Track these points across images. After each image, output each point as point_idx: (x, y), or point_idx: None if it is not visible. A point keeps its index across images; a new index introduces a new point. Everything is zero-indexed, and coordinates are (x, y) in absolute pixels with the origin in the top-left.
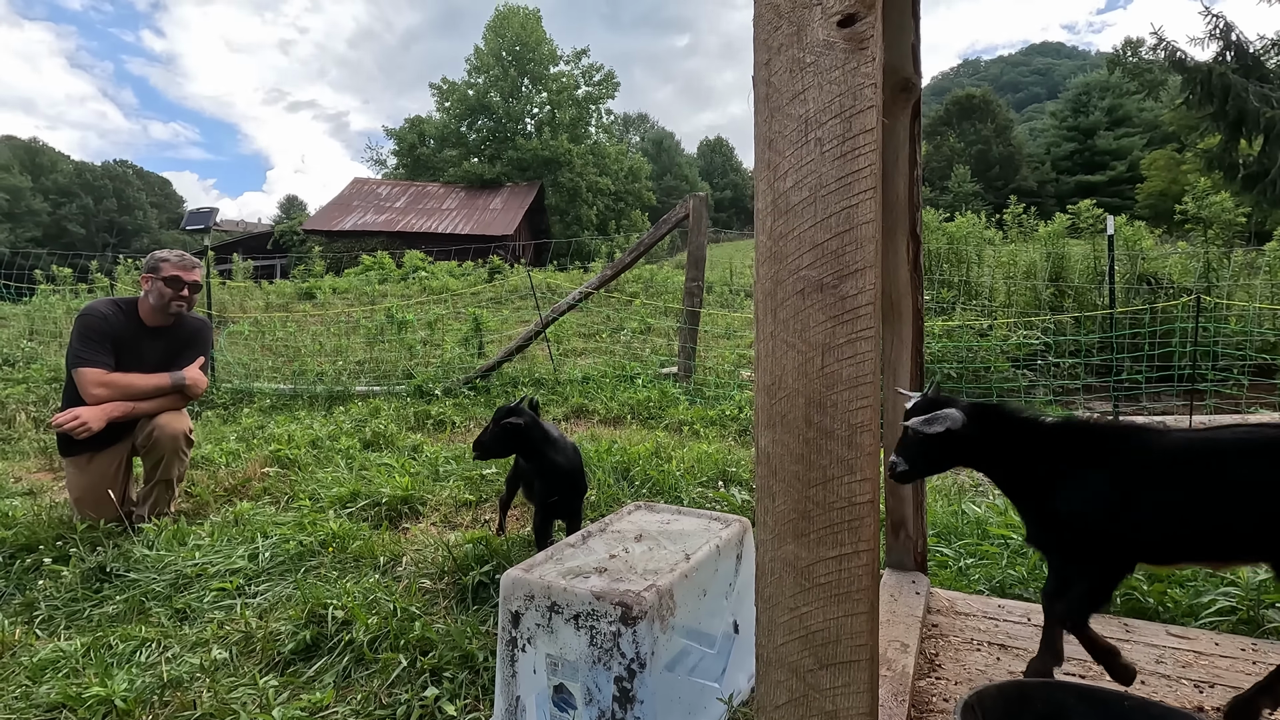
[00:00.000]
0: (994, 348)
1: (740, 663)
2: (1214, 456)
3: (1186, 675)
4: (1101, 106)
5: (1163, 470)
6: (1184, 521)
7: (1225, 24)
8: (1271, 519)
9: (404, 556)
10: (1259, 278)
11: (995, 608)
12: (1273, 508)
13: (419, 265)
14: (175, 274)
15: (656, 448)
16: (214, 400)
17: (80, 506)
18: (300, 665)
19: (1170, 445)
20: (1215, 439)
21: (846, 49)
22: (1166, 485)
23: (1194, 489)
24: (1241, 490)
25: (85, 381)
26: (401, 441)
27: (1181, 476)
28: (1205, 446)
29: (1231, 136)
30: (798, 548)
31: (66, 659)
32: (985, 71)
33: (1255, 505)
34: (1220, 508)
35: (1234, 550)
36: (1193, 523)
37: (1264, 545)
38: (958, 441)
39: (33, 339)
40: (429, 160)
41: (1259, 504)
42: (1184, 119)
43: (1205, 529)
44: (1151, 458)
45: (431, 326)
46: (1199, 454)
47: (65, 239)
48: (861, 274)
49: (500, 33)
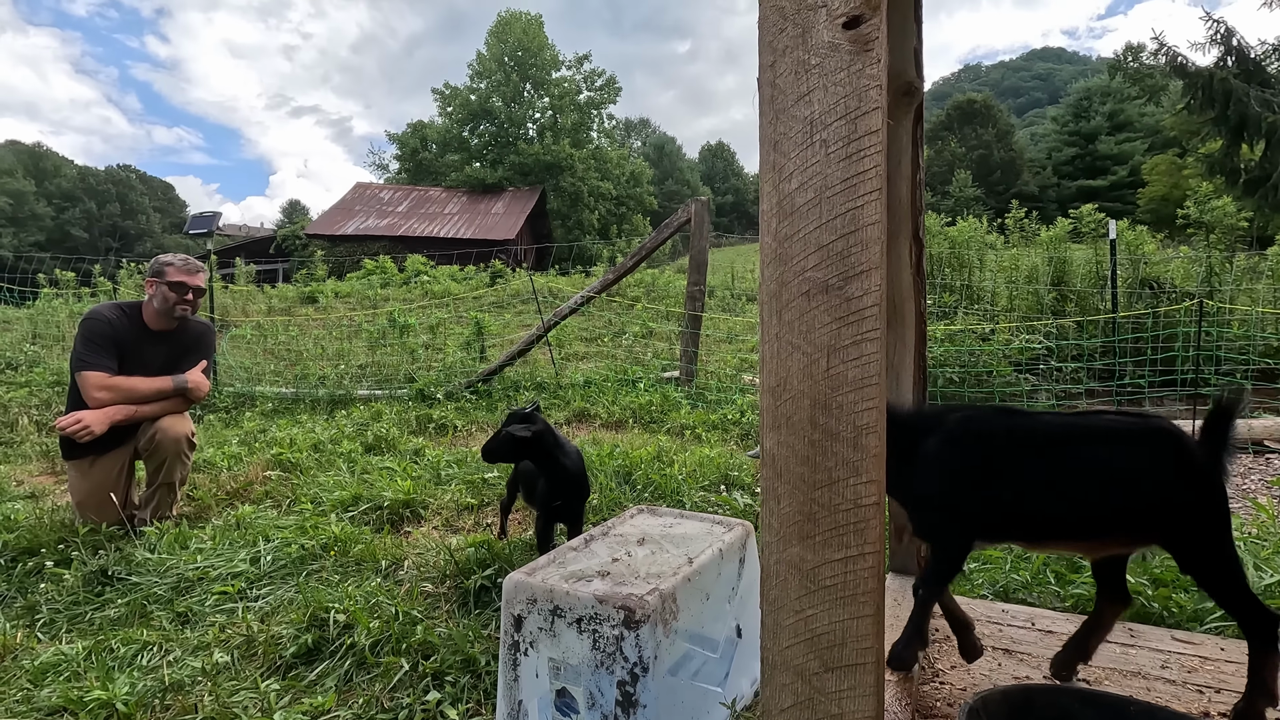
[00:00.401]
0: (996, 352)
1: (743, 667)
2: (1074, 440)
3: (1191, 680)
4: (1103, 111)
5: (1023, 451)
6: (1043, 502)
7: (1226, 29)
8: (1135, 506)
9: (406, 560)
10: (1261, 282)
11: (999, 612)
12: (1135, 495)
13: (421, 269)
14: (180, 279)
15: (658, 452)
16: (216, 404)
17: (82, 510)
18: (302, 669)
19: (1033, 427)
20: (1080, 423)
21: (852, 51)
22: (1025, 466)
23: (1052, 471)
24: (1100, 475)
25: (88, 385)
26: (403, 445)
27: (1042, 458)
28: (1069, 430)
29: (1233, 141)
30: (803, 550)
31: (68, 662)
32: (986, 76)
33: (1115, 491)
34: (1080, 491)
35: (1097, 534)
36: (1052, 503)
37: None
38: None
39: (35, 343)
40: (431, 165)
41: (1119, 490)
42: (1185, 124)
43: (1066, 511)
44: (1012, 440)
45: (433, 330)
46: (1062, 438)
47: (68, 243)
48: (867, 275)
49: (502, 38)
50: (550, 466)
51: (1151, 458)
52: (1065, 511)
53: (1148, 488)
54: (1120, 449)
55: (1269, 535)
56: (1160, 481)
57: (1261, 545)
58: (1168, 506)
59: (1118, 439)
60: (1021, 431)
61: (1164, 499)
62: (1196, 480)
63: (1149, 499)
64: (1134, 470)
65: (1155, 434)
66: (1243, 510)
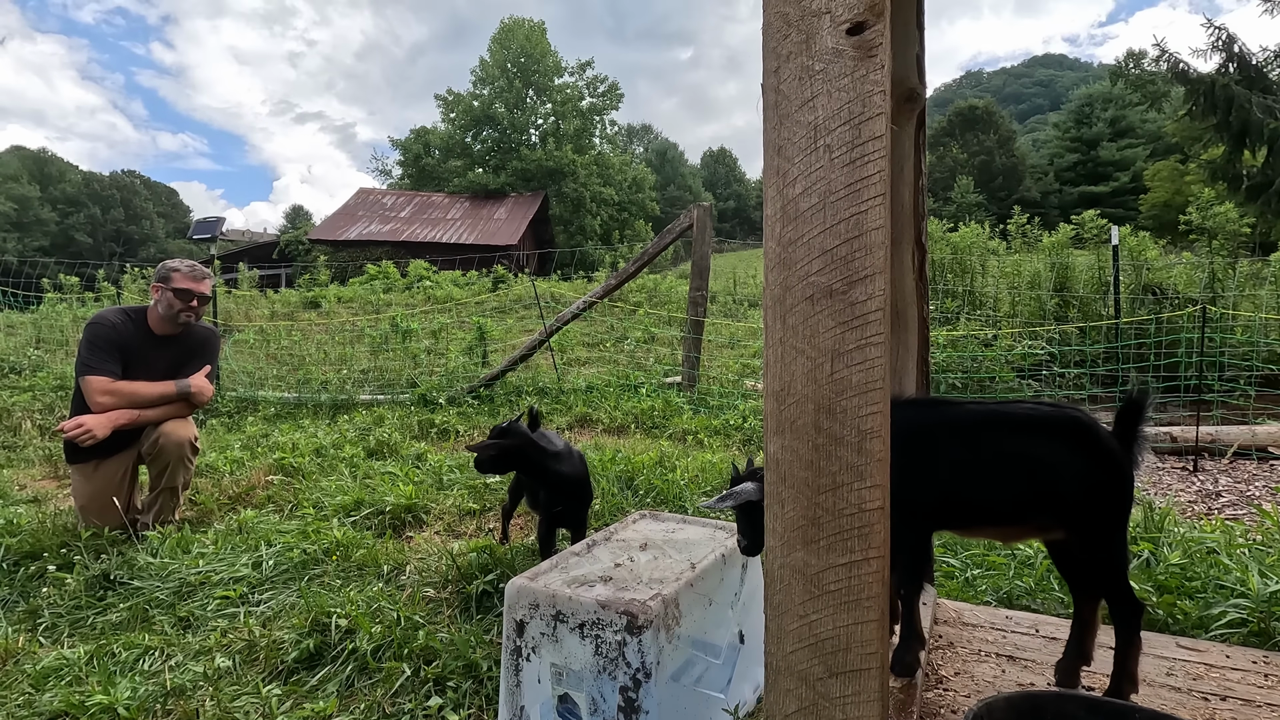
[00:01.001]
0: (999, 358)
1: (745, 673)
2: (996, 428)
3: (1197, 688)
4: (1104, 118)
5: (949, 440)
6: (971, 488)
7: (1228, 36)
8: (1047, 491)
9: (408, 565)
10: (1265, 288)
11: (1003, 619)
12: (1048, 481)
13: (423, 274)
14: (186, 285)
15: (661, 457)
16: (219, 408)
17: (85, 514)
18: (303, 674)
19: (958, 416)
20: (1000, 411)
21: (855, 57)
22: (950, 453)
23: (975, 458)
24: (1020, 462)
25: (91, 389)
26: (405, 450)
27: (966, 446)
28: (989, 419)
29: (1235, 148)
30: (807, 554)
31: (70, 667)
32: (988, 83)
33: (1033, 477)
34: (1002, 477)
35: (1017, 519)
36: (978, 490)
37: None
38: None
39: (39, 347)
40: (434, 170)
41: (1036, 476)
42: (1187, 130)
43: (990, 497)
44: (939, 428)
45: (436, 335)
46: (983, 425)
47: (72, 248)
48: (871, 280)
49: (505, 45)
50: (545, 475)
51: (1068, 446)
52: (989, 497)
53: (1063, 475)
54: (1038, 437)
55: (1274, 542)
56: (1074, 469)
57: (1266, 552)
58: (1080, 493)
59: (1036, 427)
60: (950, 421)
61: (1077, 486)
62: (1109, 470)
63: (1063, 485)
64: (1051, 458)
65: (1071, 423)
66: (1247, 517)
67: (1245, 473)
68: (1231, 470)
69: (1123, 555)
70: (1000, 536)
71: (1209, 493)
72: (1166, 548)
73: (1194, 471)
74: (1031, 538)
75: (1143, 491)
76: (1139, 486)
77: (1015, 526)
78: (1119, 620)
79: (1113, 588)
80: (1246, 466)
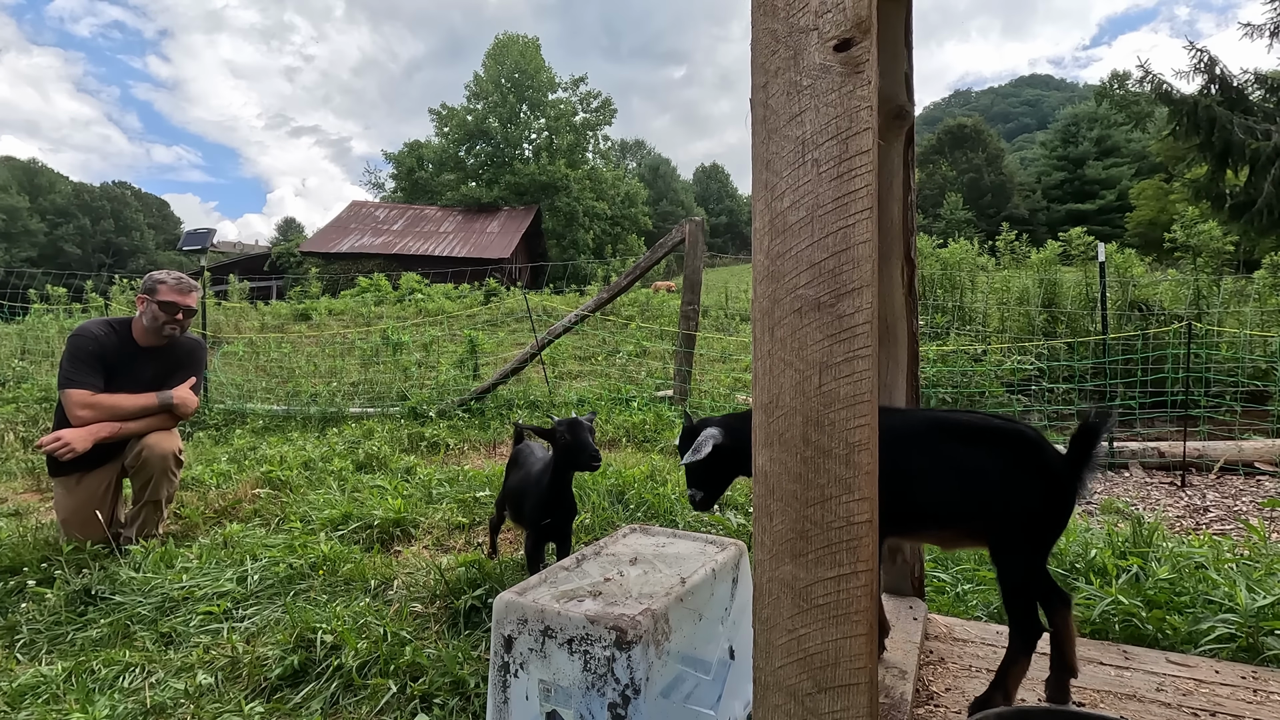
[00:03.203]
0: (988, 373)
1: (735, 689)
2: (944, 437)
3: (1186, 703)
4: (1090, 137)
5: (898, 448)
6: (906, 494)
7: (1210, 58)
8: (983, 499)
9: (395, 579)
10: (1249, 305)
11: (994, 634)
12: (981, 490)
13: (415, 287)
14: (171, 298)
15: (652, 470)
16: (206, 421)
17: (67, 527)
18: (287, 691)
19: (895, 425)
20: (949, 420)
21: (843, 73)
22: (899, 462)
23: (912, 465)
24: (955, 468)
25: (71, 403)
26: (395, 463)
27: (903, 453)
28: (930, 426)
29: (1218, 167)
30: (795, 568)
31: (47, 684)
32: (976, 102)
33: (968, 484)
34: (946, 485)
35: (952, 524)
36: (923, 496)
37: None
38: (726, 455)
39: (24, 358)
40: (427, 184)
41: (971, 483)
42: (1171, 149)
43: (933, 503)
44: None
45: (427, 348)
46: (921, 433)
47: (61, 259)
48: (858, 293)
49: (500, 60)
50: (535, 483)
51: (1007, 459)
52: (933, 503)
53: (994, 486)
54: (984, 448)
55: (1261, 557)
56: (1008, 482)
57: (1254, 567)
58: (1003, 505)
59: (983, 438)
60: (896, 429)
61: (1004, 498)
62: (1042, 488)
63: (992, 496)
64: (987, 468)
65: (1015, 437)
66: (1235, 532)
67: (1232, 488)
68: (1219, 485)
69: (1031, 573)
70: (939, 542)
71: (1197, 508)
72: (1155, 562)
73: (1182, 486)
74: (968, 545)
75: (1131, 506)
76: (1129, 501)
77: (951, 531)
78: (1019, 635)
79: (1025, 605)
80: (1233, 481)
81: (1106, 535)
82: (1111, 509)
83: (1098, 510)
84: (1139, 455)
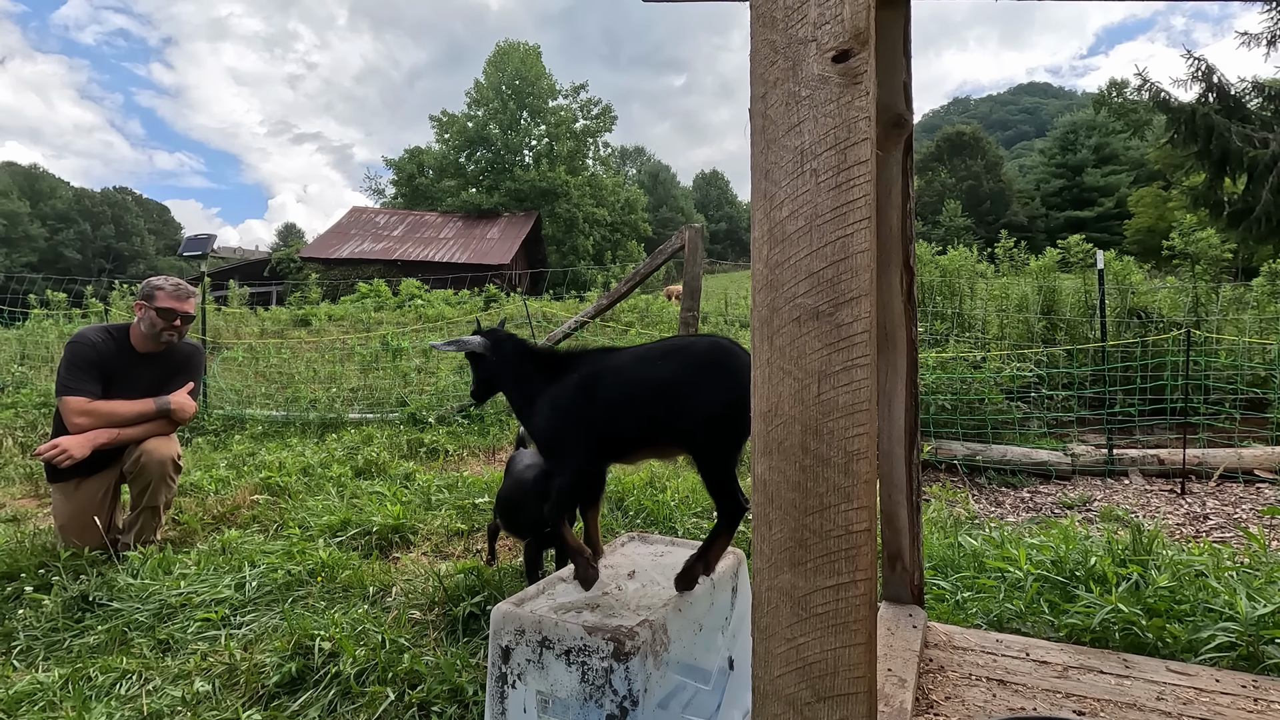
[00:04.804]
0: (987, 380)
1: (735, 700)
2: (639, 362)
3: (1187, 712)
4: (1088, 145)
5: (605, 379)
6: (624, 419)
7: (1207, 67)
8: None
9: (394, 586)
10: (1247, 312)
11: (994, 642)
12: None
13: (415, 293)
14: (169, 305)
15: (650, 478)
16: (205, 427)
17: (65, 533)
18: (285, 699)
19: (613, 358)
20: (654, 346)
21: (841, 83)
22: (607, 390)
23: (625, 391)
24: (654, 387)
25: (68, 410)
26: (394, 469)
27: (617, 382)
28: (635, 354)
29: (1216, 175)
30: (794, 577)
31: (43, 691)
32: (975, 110)
33: (665, 399)
34: (644, 404)
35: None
36: (629, 419)
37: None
38: (490, 366)
39: (23, 364)
40: (427, 190)
41: (667, 398)
42: (1169, 157)
43: (638, 424)
44: (598, 370)
45: (426, 354)
46: (630, 361)
47: (61, 264)
48: (857, 302)
49: (500, 67)
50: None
51: (699, 367)
52: (638, 424)
53: (691, 393)
54: (679, 363)
55: (1261, 565)
56: (703, 389)
57: (1254, 575)
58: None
59: (680, 355)
60: (611, 363)
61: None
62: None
63: (690, 403)
64: (685, 379)
65: (712, 348)
66: (1235, 540)
67: (1232, 495)
68: (1218, 493)
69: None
70: (658, 455)
71: (1197, 515)
72: (1155, 570)
73: (1182, 494)
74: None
75: (1131, 514)
76: (1129, 509)
77: (664, 445)
78: (724, 515)
79: (715, 490)
80: (1233, 489)
81: (1106, 543)
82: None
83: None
84: (1139, 463)
